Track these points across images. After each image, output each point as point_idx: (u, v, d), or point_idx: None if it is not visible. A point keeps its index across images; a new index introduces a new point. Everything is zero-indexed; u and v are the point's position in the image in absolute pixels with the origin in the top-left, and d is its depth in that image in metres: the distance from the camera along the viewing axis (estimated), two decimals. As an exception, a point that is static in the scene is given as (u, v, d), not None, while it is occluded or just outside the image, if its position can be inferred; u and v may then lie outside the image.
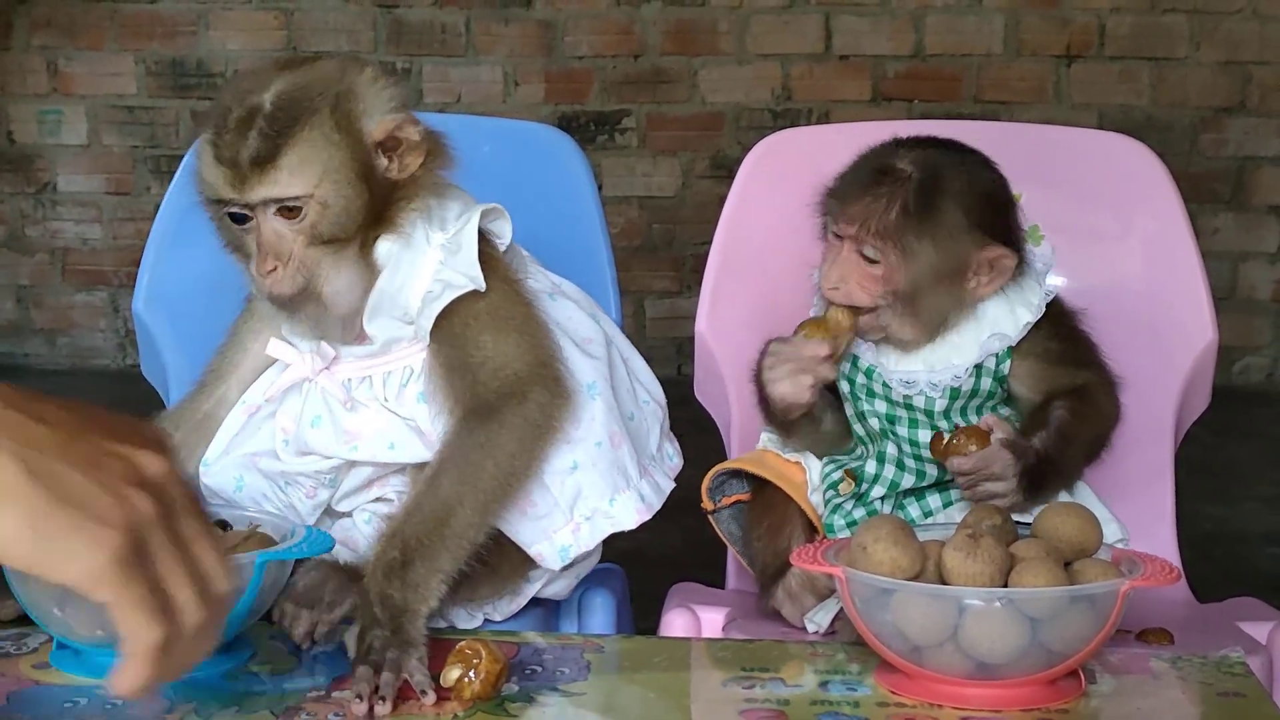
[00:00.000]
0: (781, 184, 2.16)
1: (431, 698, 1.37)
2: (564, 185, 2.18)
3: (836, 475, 1.89)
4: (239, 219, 1.60)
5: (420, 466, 1.66)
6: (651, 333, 5.31)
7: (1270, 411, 5.17)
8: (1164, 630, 1.82)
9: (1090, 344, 1.90)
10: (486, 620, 1.74)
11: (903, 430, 1.86)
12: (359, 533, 1.69)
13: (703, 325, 2.17)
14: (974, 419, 1.84)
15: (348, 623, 1.50)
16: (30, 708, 1.35)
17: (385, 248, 1.63)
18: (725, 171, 5.24)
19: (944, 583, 1.40)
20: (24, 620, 1.51)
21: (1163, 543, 2.07)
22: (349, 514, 1.72)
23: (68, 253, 5.51)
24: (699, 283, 2.21)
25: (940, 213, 1.79)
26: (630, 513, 1.70)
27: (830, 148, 1.90)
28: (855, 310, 1.81)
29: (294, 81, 1.60)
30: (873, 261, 1.79)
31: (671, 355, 5.16)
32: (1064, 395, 1.83)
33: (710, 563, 2.16)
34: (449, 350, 1.63)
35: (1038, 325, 1.85)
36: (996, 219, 1.83)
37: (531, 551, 1.67)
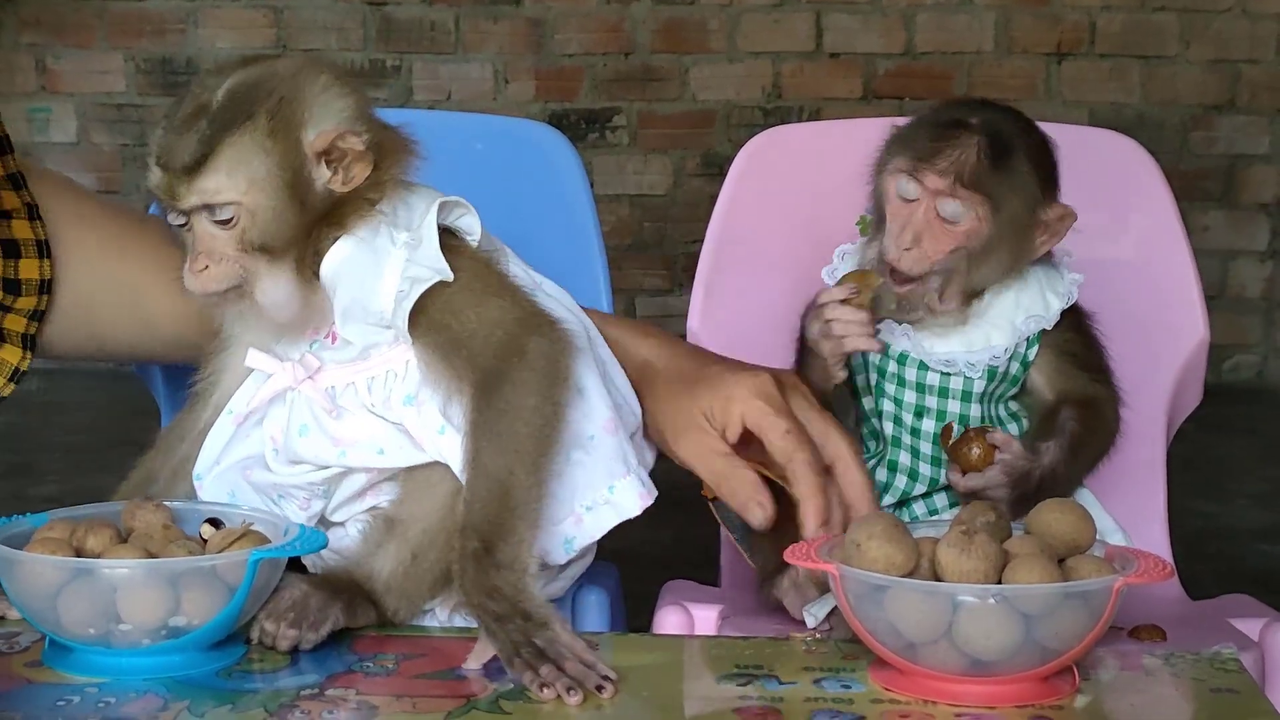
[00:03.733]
0: (773, 182, 2.16)
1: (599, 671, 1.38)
2: (556, 183, 2.17)
3: None
4: (177, 222, 1.60)
5: (411, 470, 1.65)
6: (642, 331, 5.32)
7: (1260, 408, 5.18)
8: (1157, 627, 1.82)
9: (1105, 354, 1.90)
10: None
11: (928, 424, 1.85)
12: (351, 541, 1.69)
13: (695, 323, 2.17)
14: (998, 409, 1.85)
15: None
16: (22, 706, 1.35)
17: (342, 252, 1.61)
18: (716, 169, 5.25)
19: (938, 579, 1.40)
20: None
21: (1154, 540, 2.08)
22: (343, 524, 1.71)
23: (57, 251, 5.50)
24: (690, 281, 2.21)
25: (1017, 163, 1.80)
26: (633, 497, 1.67)
27: (821, 146, 1.91)
28: (903, 278, 1.80)
29: (242, 81, 1.59)
30: (951, 222, 1.79)
31: (662, 353, 5.16)
32: (1074, 404, 1.84)
33: (702, 561, 2.15)
34: (434, 336, 1.62)
35: (1061, 317, 1.86)
36: (1056, 176, 1.85)
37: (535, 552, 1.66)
